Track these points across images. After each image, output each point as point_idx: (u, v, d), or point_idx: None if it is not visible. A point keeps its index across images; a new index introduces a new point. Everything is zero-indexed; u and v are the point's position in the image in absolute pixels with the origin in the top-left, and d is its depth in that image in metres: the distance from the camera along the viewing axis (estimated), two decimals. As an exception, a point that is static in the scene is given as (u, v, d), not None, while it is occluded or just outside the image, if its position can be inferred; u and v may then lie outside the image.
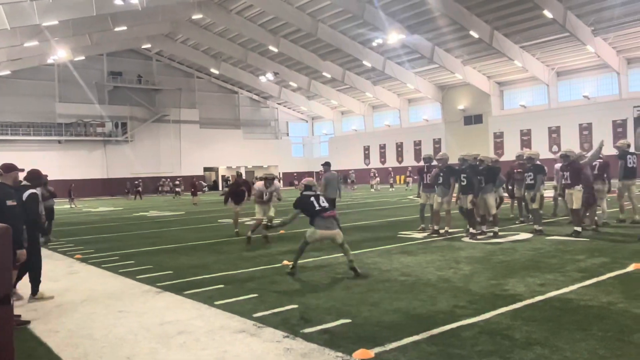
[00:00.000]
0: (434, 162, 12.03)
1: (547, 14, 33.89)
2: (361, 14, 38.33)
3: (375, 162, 59.24)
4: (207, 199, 36.79)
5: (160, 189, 52.09)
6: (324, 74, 51.56)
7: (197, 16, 43.38)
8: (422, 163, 12.74)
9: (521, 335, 4.53)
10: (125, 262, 9.46)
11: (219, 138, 61.07)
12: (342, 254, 7.84)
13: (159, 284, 7.37)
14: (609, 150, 14.35)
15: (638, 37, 37.80)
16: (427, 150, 50.43)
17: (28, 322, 5.72)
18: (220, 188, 56.95)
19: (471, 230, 10.67)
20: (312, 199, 7.87)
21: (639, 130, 40.43)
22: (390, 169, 46.25)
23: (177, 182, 46.27)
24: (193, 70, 59.64)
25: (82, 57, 48.50)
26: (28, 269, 6.61)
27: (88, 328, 5.45)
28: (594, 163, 11.59)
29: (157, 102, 57.84)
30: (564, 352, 4.09)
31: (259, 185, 11.90)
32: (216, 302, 6.17)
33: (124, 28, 40.69)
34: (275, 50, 47.30)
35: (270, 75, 52.80)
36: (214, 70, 56.87)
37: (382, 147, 59.62)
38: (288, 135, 69.97)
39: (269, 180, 11.76)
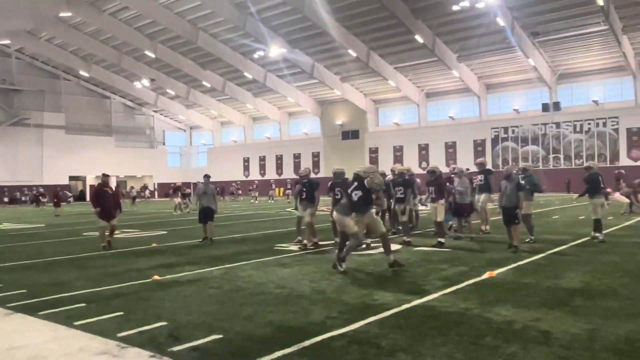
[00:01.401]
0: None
1: (418, 38, 36.38)
2: (243, 25, 38.27)
3: (255, 174, 59.16)
4: (72, 210, 34.15)
5: (22, 198, 47.51)
6: (204, 83, 50.64)
7: (65, 14, 40.40)
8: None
9: (387, 343, 4.70)
10: (-32, 281, 8.40)
11: (87, 145, 57.16)
12: (216, 267, 7.64)
13: (8, 305, 6.62)
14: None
15: (496, 66, 41.93)
16: (306, 163, 51.43)
17: None
18: (87, 199, 53.22)
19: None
20: None
21: (496, 149, 44.68)
22: (271, 181, 46.43)
23: (42, 191, 42.39)
24: (59, 71, 55.39)
25: None
26: None
27: None
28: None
29: (15, 104, 52.77)
30: (425, 357, 4.30)
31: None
32: (76, 323, 5.67)
33: (-21, 20, 36.78)
34: (152, 55, 45.51)
35: (146, 81, 50.65)
36: (83, 73, 53.22)
37: (262, 159, 59.78)
38: (164, 144, 67.48)
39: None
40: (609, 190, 23.48)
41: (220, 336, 5.07)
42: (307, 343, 4.76)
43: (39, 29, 45.57)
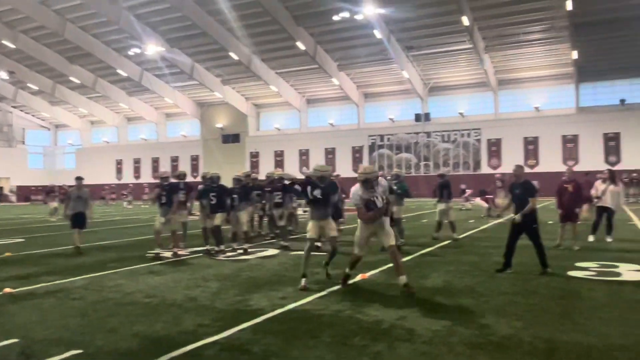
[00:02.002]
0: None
1: (300, 45, 36.98)
2: (117, 19, 36.26)
3: (129, 177, 56.21)
4: None
5: None
6: (72, 78, 47.15)
7: None
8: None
9: (259, 348, 4.65)
10: None
11: None
12: (80, 277, 7.09)
13: None
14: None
15: (374, 76, 43.90)
16: (184, 166, 49.98)
17: None
18: None
19: (216, 248, 10.82)
20: None
21: (373, 156, 46.73)
22: (145, 184, 44.38)
23: None
24: None
25: None
26: None
27: None
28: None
29: None
30: (296, 361, 4.33)
31: None
32: None
33: None
34: (12, 45, 41.44)
35: (3, 74, 46.03)
36: None
37: (137, 162, 56.97)
38: (24, 143, 61.72)
39: None
40: (469, 192, 25.64)
41: (80, 351, 4.69)
42: (175, 353, 4.57)
43: None
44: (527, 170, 10.38)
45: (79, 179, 12.16)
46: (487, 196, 20.92)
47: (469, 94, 44.36)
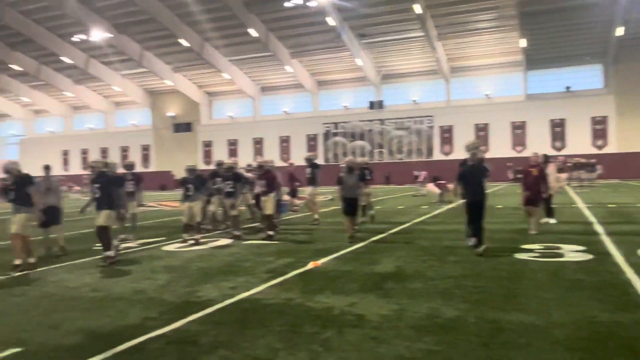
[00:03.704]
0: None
1: (252, 32, 36.53)
2: (60, 4, 34.80)
3: (76, 168, 54.41)
4: None
5: None
6: (13, 66, 45.03)
7: None
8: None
9: (207, 340, 4.58)
10: None
11: None
12: (21, 273, 6.78)
13: None
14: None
15: (328, 63, 43.86)
16: (135, 156, 48.80)
17: None
18: None
19: (107, 253, 8.73)
20: None
21: (327, 143, 46.84)
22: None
23: None
24: None
25: None
26: None
27: None
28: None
29: None
30: (245, 350, 4.28)
31: None
32: None
33: None
34: (-53, 31, 39.24)
35: (-62, 61, 43.54)
36: None
37: (85, 152, 55.19)
38: (-37, 134, 58.86)
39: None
40: (421, 179, 26.12)
41: (19, 349, 4.51)
42: (120, 348, 4.44)
43: None
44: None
45: (47, 168, 10.55)
46: (439, 182, 21.33)
47: (421, 81, 45.01)
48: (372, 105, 45.26)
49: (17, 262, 8.17)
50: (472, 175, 8.67)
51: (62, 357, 4.30)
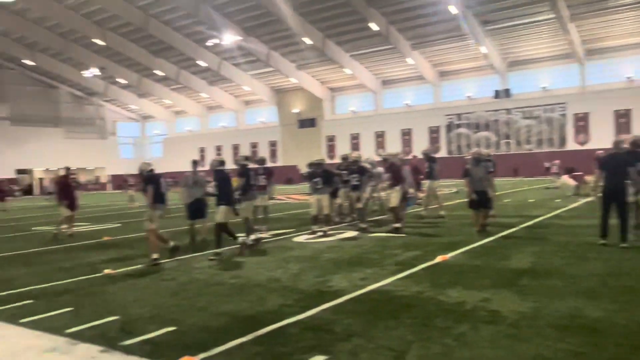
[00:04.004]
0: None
1: (373, 26, 36.57)
2: (195, 12, 37.51)
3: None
4: (19, 205, 32.90)
5: None
6: (156, 71, 49.41)
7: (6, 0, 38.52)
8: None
9: (341, 328, 4.75)
10: None
11: (34, 137, 55.00)
12: (170, 259, 7.52)
13: (-51, 304, 6.34)
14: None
15: (449, 53, 42.55)
16: (263, 152, 51.17)
17: None
18: (35, 192, 51.43)
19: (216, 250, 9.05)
20: None
21: (450, 134, 45.59)
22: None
23: (5, 187, 38.83)
24: (2, 60, 52.81)
25: None
26: None
27: None
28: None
29: (-45, 95, 50.19)
30: (378, 340, 4.37)
31: None
32: (22, 320, 5.49)
33: None
34: (102, 43, 44.01)
35: (95, 70, 49.00)
36: (28, 62, 50.92)
37: (219, 149, 59.00)
38: (116, 135, 65.66)
39: None
40: (554, 171, 24.45)
41: (174, 328, 5.01)
42: (261, 331, 4.76)
43: (-21, 15, 43.33)
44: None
45: (195, 163, 10.57)
46: (575, 173, 19.83)
47: (552, 66, 41.94)
48: (497, 94, 43.12)
49: (155, 255, 8.59)
50: (617, 164, 7.95)
51: (211, 337, 4.70)
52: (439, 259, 7.79)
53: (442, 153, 44.09)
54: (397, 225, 11.10)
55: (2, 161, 52.03)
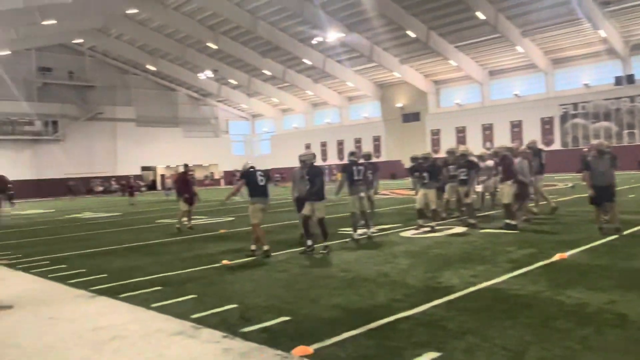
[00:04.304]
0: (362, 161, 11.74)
1: (480, 15, 35.19)
2: (300, 11, 38.41)
3: (317, 160, 59.55)
4: (145, 200, 35.78)
5: (113, 188, 50.14)
6: (264, 71, 51.29)
7: (131, 11, 42.00)
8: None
9: (454, 325, 4.68)
10: (56, 267, 9.04)
11: (157, 136, 59.51)
12: (282, 252, 7.83)
13: (92, 288, 7.11)
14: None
15: (563, 39, 39.84)
16: (367, 147, 51.20)
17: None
18: (158, 187, 55.66)
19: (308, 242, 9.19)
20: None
21: (565, 126, 42.70)
22: (333, 166, 46.69)
23: (133, 182, 41.82)
24: (128, 66, 57.74)
25: (8, 52, 45.84)
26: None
27: (15, 337, 5.18)
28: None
29: (90, 100, 55.54)
30: (493, 339, 4.27)
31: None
32: (153, 305, 6.02)
33: (54, 22, 38.79)
34: (214, 47, 46.57)
35: (209, 73, 51.92)
36: (150, 67, 55.30)
37: (324, 145, 59.99)
38: (228, 133, 69.12)
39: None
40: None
41: (289, 318, 5.22)
42: (373, 325, 4.82)
43: (108, 26, 47.65)
44: None
45: (313, 157, 10.26)
46: None
47: (684, 48, 37.80)
48: (619, 80, 39.57)
49: (265, 247, 8.96)
50: None
51: (324, 329, 4.84)
52: (557, 257, 7.39)
53: (556, 145, 41.51)
54: (509, 221, 10.64)
55: (130, 159, 56.90)
